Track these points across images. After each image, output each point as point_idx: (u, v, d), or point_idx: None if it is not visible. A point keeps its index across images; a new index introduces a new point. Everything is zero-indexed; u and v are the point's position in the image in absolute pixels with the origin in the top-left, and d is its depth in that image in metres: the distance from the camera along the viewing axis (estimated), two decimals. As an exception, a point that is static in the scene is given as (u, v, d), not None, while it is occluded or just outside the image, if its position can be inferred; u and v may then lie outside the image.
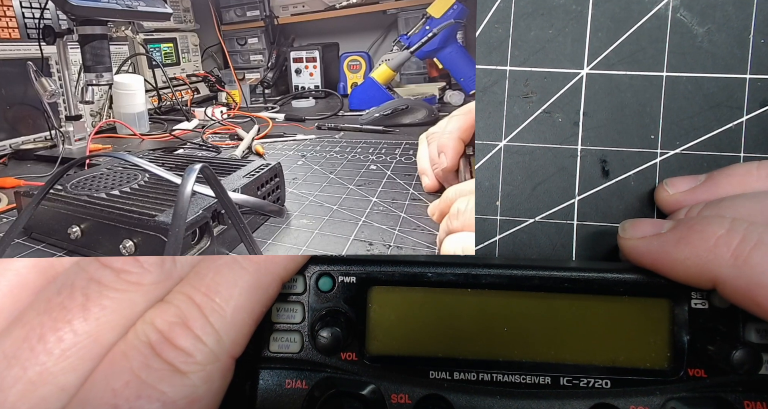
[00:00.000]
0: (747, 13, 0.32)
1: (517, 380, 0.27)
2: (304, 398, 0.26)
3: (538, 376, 0.27)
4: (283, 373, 0.27)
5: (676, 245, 0.24)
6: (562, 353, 0.27)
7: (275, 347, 0.27)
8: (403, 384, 0.26)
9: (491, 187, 0.34)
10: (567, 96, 0.33)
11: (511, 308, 0.27)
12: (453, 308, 0.27)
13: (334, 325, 0.26)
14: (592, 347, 0.27)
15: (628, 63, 0.33)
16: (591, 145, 0.33)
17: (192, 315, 0.20)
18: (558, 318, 0.27)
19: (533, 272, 0.27)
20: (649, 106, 0.33)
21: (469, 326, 0.27)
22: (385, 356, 0.27)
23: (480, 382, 0.27)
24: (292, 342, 0.27)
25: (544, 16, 0.33)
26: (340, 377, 0.27)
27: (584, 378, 0.26)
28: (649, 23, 0.33)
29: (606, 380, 0.26)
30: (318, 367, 0.27)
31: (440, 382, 0.27)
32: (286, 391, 0.27)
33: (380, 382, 0.26)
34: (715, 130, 0.33)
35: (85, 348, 0.19)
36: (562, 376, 0.26)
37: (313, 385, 0.27)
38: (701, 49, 0.32)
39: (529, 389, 0.26)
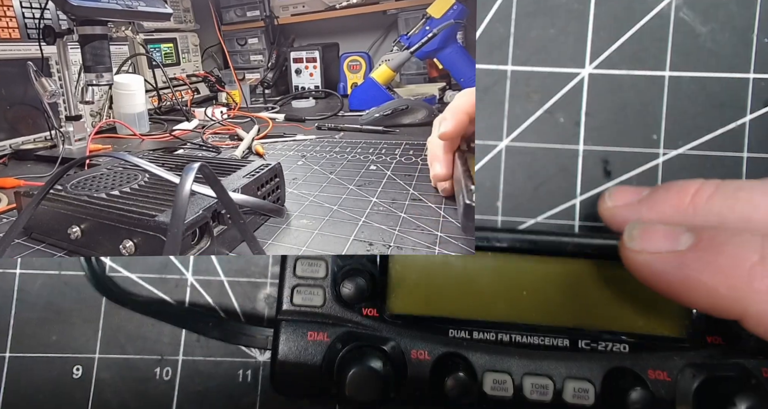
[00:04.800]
0: (750, 13, 0.32)
1: (536, 341, 0.27)
2: (326, 350, 0.27)
3: (557, 338, 0.27)
4: (306, 325, 0.28)
5: (702, 270, 0.20)
6: (580, 318, 0.27)
7: (298, 300, 0.28)
8: (422, 341, 0.27)
9: (492, 188, 0.34)
10: (569, 96, 0.33)
11: (530, 273, 0.28)
12: (472, 271, 0.28)
13: (357, 277, 0.27)
14: (610, 313, 0.27)
15: (630, 62, 0.33)
16: (593, 145, 0.33)
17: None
18: (578, 283, 0.27)
19: (554, 238, 0.27)
20: (651, 105, 0.33)
21: (487, 288, 0.28)
22: (405, 315, 0.28)
23: (499, 342, 0.27)
24: (315, 295, 0.28)
25: (545, 16, 0.33)
26: (361, 331, 0.28)
27: (602, 342, 0.27)
28: (652, 22, 0.33)
29: (624, 345, 0.27)
30: (339, 321, 0.28)
31: (459, 341, 0.27)
32: (308, 342, 0.28)
33: (400, 338, 0.27)
34: (718, 130, 0.32)
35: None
36: (580, 339, 0.27)
37: (335, 337, 0.27)
38: (704, 49, 0.32)
39: (547, 350, 0.27)
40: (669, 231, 0.22)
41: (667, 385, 0.26)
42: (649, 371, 0.26)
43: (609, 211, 0.27)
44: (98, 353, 0.33)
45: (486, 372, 0.27)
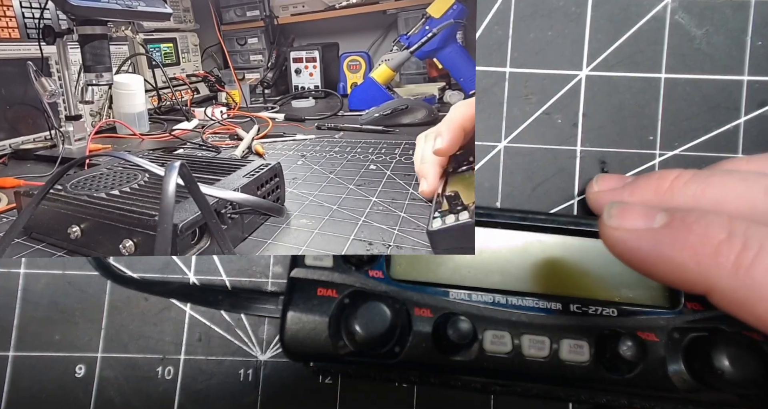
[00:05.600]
0: (744, 16, 0.32)
1: (531, 304, 0.29)
2: (335, 305, 0.29)
3: (550, 301, 0.29)
4: (316, 282, 0.30)
5: (672, 246, 0.21)
6: (569, 288, 0.30)
7: (309, 261, 0.30)
8: (425, 301, 0.29)
9: (491, 188, 0.34)
10: (566, 97, 0.33)
11: (524, 247, 0.31)
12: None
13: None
14: (598, 283, 0.30)
15: (626, 65, 0.33)
16: (590, 146, 0.33)
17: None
18: (566, 257, 0.30)
19: (546, 216, 0.30)
20: (647, 107, 0.33)
21: (485, 260, 0.30)
22: (408, 280, 0.30)
23: (496, 303, 0.29)
24: (325, 257, 0.30)
25: (543, 18, 0.33)
26: (368, 290, 0.30)
27: (592, 306, 0.29)
28: (648, 25, 0.33)
29: (613, 309, 0.29)
30: (348, 280, 0.30)
31: (459, 302, 0.30)
32: (318, 297, 0.29)
33: (404, 298, 0.29)
34: (713, 132, 0.33)
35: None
36: (571, 303, 0.29)
37: (344, 294, 0.29)
38: (699, 51, 0.33)
39: (542, 312, 0.29)
40: (645, 210, 0.23)
41: (657, 344, 0.28)
42: (638, 333, 0.28)
43: (594, 195, 0.30)
44: (101, 352, 0.33)
45: (486, 330, 0.28)
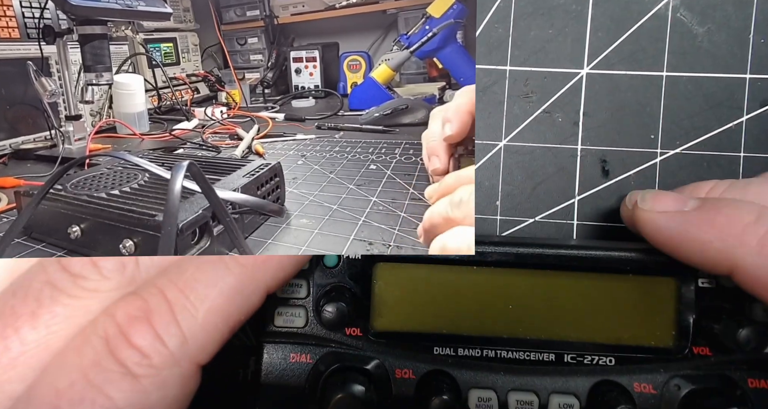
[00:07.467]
0: (747, 13, 0.32)
1: (521, 356, 0.27)
2: (309, 372, 0.27)
3: (542, 353, 0.27)
4: (288, 347, 0.27)
5: (700, 226, 0.22)
6: (566, 330, 0.27)
7: (280, 322, 0.28)
8: (407, 360, 0.27)
9: (491, 187, 0.34)
10: (567, 96, 0.33)
11: (515, 286, 0.27)
12: (457, 285, 0.27)
13: (339, 300, 0.26)
14: (596, 325, 0.27)
15: (628, 63, 0.33)
16: (591, 145, 0.33)
17: (158, 311, 0.18)
18: (563, 296, 0.27)
19: (539, 250, 0.27)
20: (649, 105, 0.33)
21: (473, 303, 0.27)
22: (390, 332, 0.27)
23: (484, 358, 0.27)
24: (297, 317, 0.28)
25: (544, 16, 0.33)
26: (344, 352, 0.27)
27: (588, 355, 0.27)
28: (649, 23, 0.33)
29: (610, 358, 0.27)
30: (323, 342, 0.27)
31: (444, 358, 0.27)
32: (291, 364, 0.27)
33: (384, 357, 0.27)
34: (715, 130, 0.33)
35: (34, 357, 0.18)
36: (566, 353, 0.27)
37: (318, 359, 0.27)
38: (701, 49, 0.32)
39: (533, 365, 0.27)
40: (679, 196, 0.24)
41: (653, 398, 0.26)
42: (635, 385, 0.26)
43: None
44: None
45: (471, 389, 0.26)
